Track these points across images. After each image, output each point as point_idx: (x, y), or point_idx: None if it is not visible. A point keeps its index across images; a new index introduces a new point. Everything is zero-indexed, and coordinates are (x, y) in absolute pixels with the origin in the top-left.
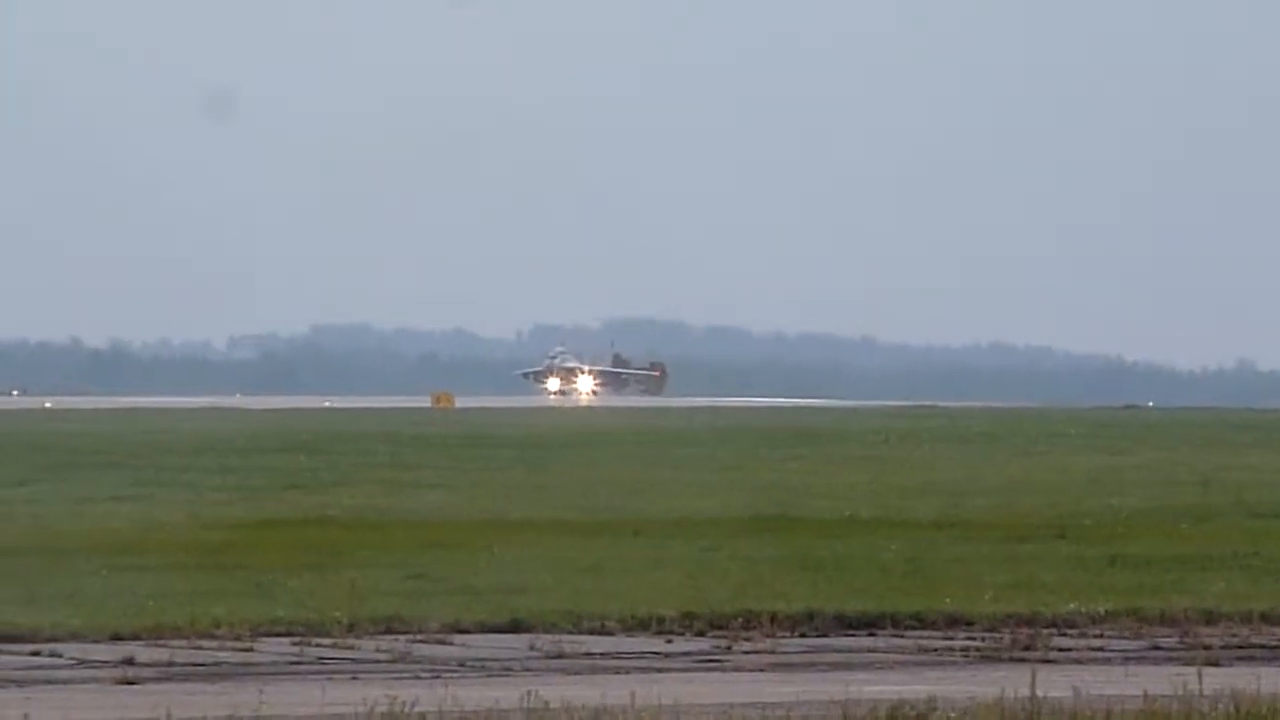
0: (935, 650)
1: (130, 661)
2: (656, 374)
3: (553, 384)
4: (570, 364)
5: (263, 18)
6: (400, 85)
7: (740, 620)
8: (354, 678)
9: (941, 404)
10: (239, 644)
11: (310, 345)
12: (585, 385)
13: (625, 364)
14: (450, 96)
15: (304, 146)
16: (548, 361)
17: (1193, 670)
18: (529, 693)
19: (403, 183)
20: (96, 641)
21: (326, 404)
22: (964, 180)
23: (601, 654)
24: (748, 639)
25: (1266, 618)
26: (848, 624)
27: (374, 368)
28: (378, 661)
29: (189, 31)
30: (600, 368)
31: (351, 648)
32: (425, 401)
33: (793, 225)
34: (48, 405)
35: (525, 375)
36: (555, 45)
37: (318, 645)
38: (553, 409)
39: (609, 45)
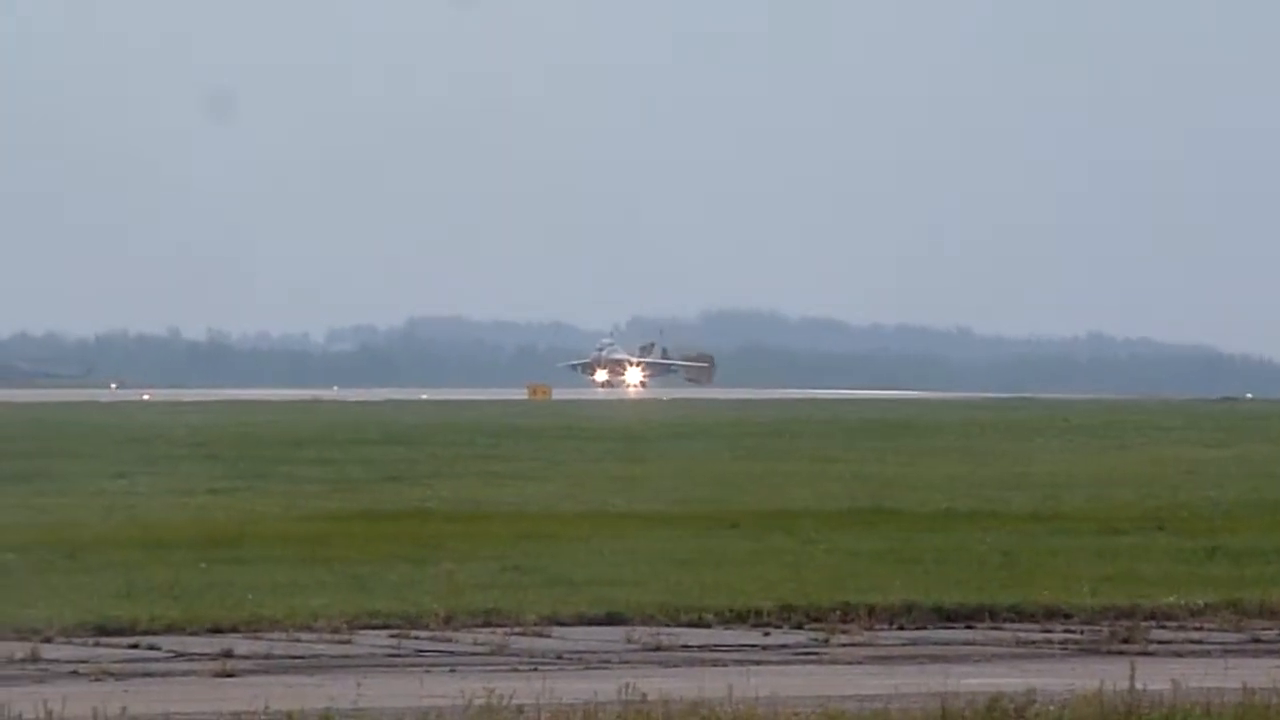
0: (1033, 643)
1: (228, 654)
2: (705, 365)
3: (600, 376)
4: (618, 355)
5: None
6: (483, 83)
7: (838, 613)
8: (451, 670)
9: (1038, 396)
10: (337, 636)
11: (407, 337)
12: (633, 377)
13: (669, 356)
14: (532, 95)
15: (398, 139)
16: (595, 353)
17: None
18: (626, 685)
19: (500, 176)
20: (195, 634)
21: (423, 396)
22: (1060, 174)
23: (699, 646)
24: (845, 631)
25: None
26: (945, 616)
27: (470, 360)
28: (475, 654)
29: (272, 23)
30: (649, 359)
31: (449, 640)
32: (522, 394)
33: (889, 218)
34: (146, 397)
35: (573, 367)
36: (628, 36)
37: (415, 638)
38: (649, 402)
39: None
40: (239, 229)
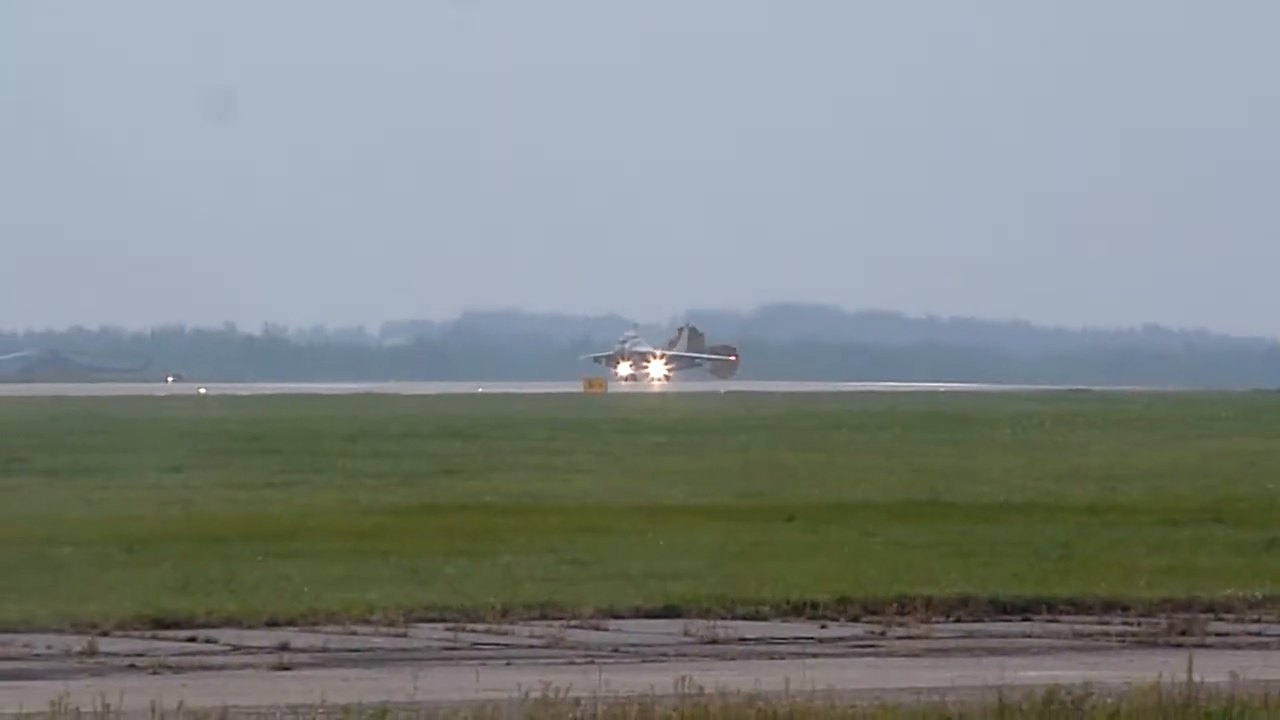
0: (1090, 635)
1: (285, 647)
2: (731, 359)
3: (623, 369)
4: (642, 348)
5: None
6: (535, 74)
7: (895, 605)
8: (508, 663)
9: (1095, 388)
10: (394, 629)
11: (461, 331)
12: (657, 370)
13: (696, 349)
14: (581, 88)
15: (449, 132)
16: (619, 346)
17: None
18: (683, 678)
19: (557, 169)
20: (252, 627)
21: (479, 389)
22: (1119, 163)
23: (756, 639)
24: (902, 624)
25: None
26: (1002, 609)
27: (526, 353)
28: (532, 647)
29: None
30: (673, 352)
31: (506, 633)
32: (577, 386)
33: (945, 209)
34: (202, 391)
35: (596, 359)
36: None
37: (472, 630)
38: (705, 395)
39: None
40: (294, 223)
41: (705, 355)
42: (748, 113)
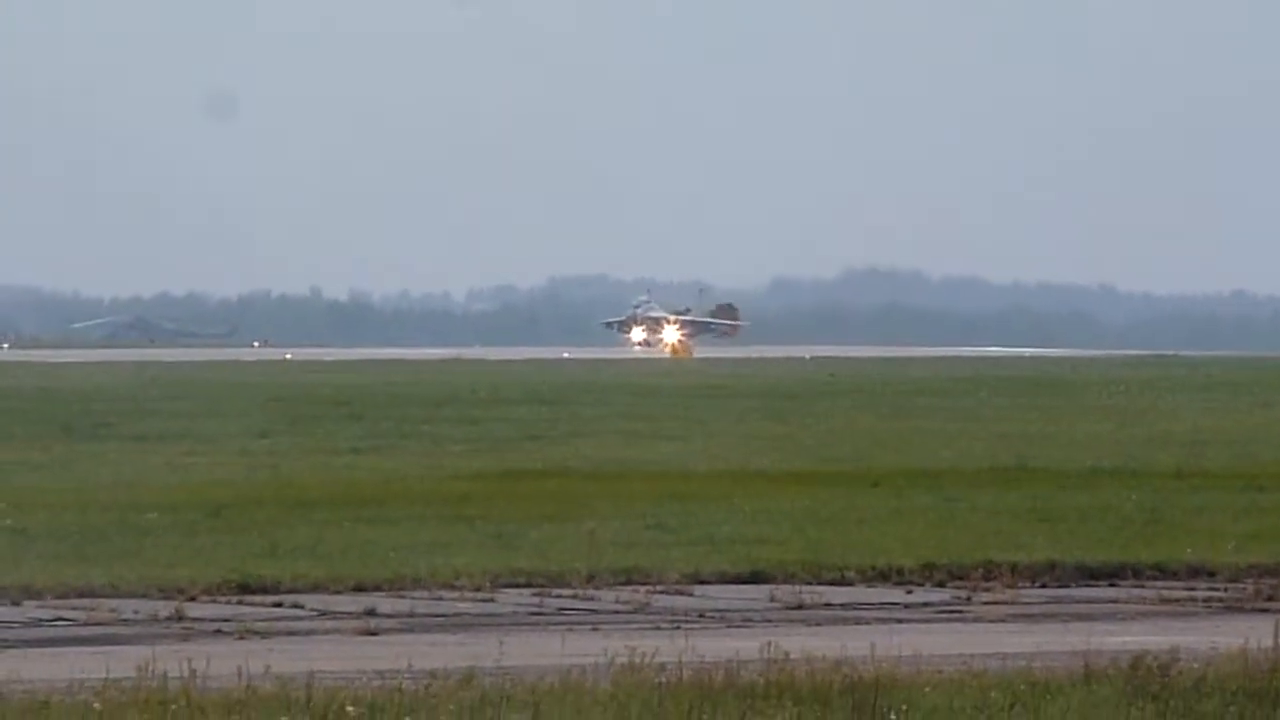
0: (1177, 600)
1: (372, 612)
2: (734, 321)
3: (637, 334)
4: (655, 314)
5: None
6: (628, 41)
7: (980, 571)
8: (594, 628)
9: (1182, 353)
10: (480, 595)
11: (548, 296)
12: (670, 336)
13: (706, 314)
14: (661, 57)
15: (530, 99)
16: (632, 311)
17: None
18: (769, 643)
19: (641, 136)
20: (339, 593)
21: (565, 355)
22: (1206, 129)
23: (841, 605)
24: (988, 589)
25: None
26: (1089, 574)
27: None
28: (618, 612)
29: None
30: (688, 317)
31: (591, 598)
32: (663, 352)
33: (1030, 175)
34: (288, 357)
35: (609, 325)
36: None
37: (558, 596)
38: (791, 360)
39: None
40: (381, 190)
41: (718, 320)
42: (832, 80)
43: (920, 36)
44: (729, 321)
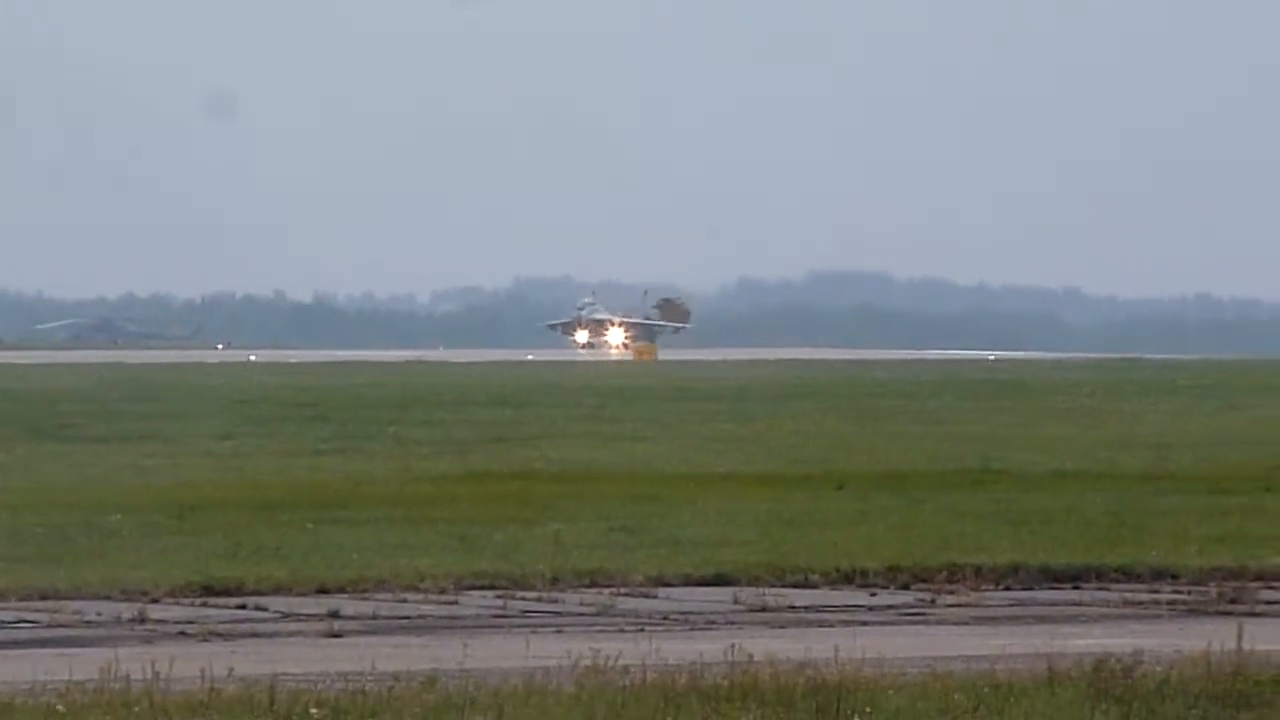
0: (1141, 603)
1: (336, 614)
2: (685, 325)
3: (581, 336)
4: (599, 315)
5: None
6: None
7: (944, 573)
8: (558, 631)
9: (1147, 356)
10: (443, 597)
11: (514, 298)
12: (615, 337)
13: (652, 315)
14: (632, 63)
15: (498, 100)
16: (575, 313)
17: None
18: (733, 646)
19: (609, 139)
20: (302, 595)
21: (529, 356)
22: (1173, 132)
23: (805, 607)
24: (952, 592)
25: None
26: (1052, 577)
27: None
28: (581, 615)
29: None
30: (633, 319)
31: (555, 601)
32: (628, 353)
33: (996, 178)
34: (252, 358)
35: (552, 327)
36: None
37: (522, 598)
38: (757, 363)
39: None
40: (344, 191)
41: (663, 322)
42: (798, 79)
43: (893, 36)
44: (677, 323)
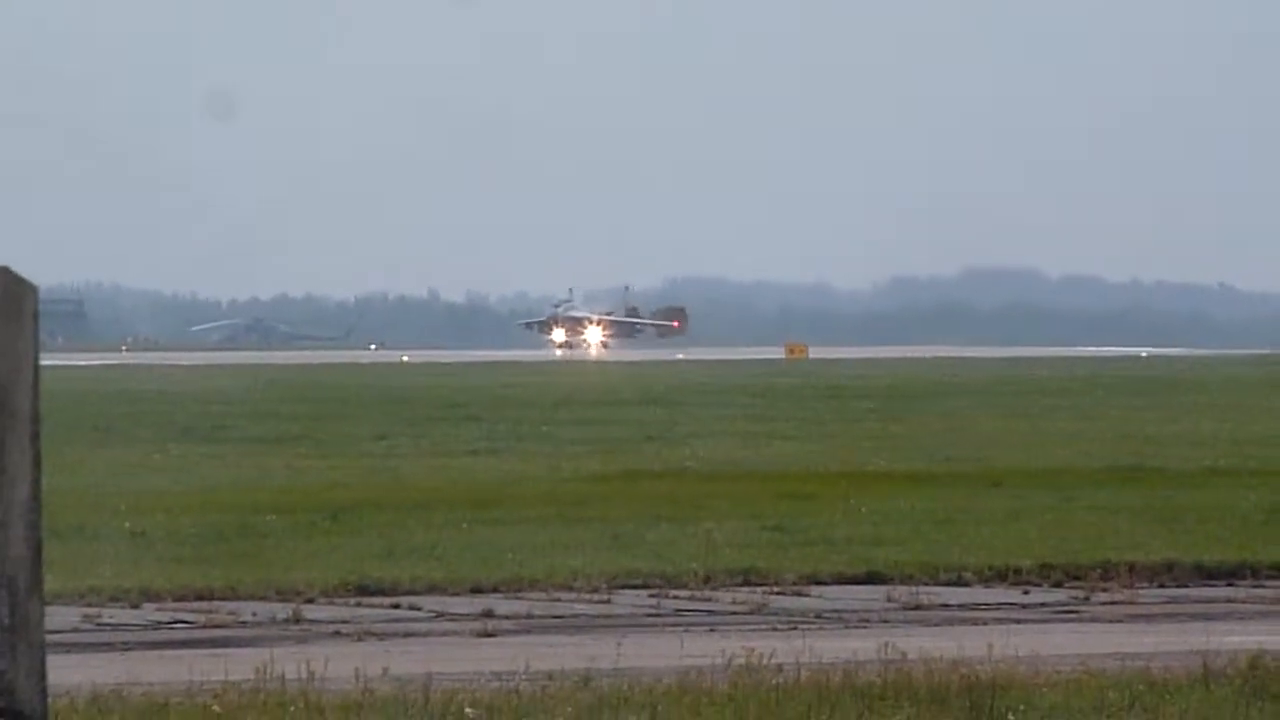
0: None
1: (489, 614)
2: (675, 324)
3: (558, 335)
4: (577, 314)
5: None
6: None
7: (1098, 571)
8: (711, 629)
9: None
10: (596, 596)
11: (665, 298)
12: (594, 336)
13: (636, 313)
14: (797, 58)
15: (660, 97)
16: (552, 311)
17: None
18: (886, 644)
19: (768, 139)
20: (456, 594)
21: (679, 356)
22: None
23: (958, 605)
24: (1105, 589)
25: None
26: (1207, 574)
27: (729, 320)
28: (735, 613)
29: None
30: (613, 317)
31: (708, 599)
32: (779, 353)
33: (1147, 173)
34: (405, 359)
35: (528, 326)
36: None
37: (675, 597)
38: (908, 360)
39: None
40: (495, 194)
41: (647, 321)
42: (951, 77)
43: (1047, 36)
44: (660, 322)
